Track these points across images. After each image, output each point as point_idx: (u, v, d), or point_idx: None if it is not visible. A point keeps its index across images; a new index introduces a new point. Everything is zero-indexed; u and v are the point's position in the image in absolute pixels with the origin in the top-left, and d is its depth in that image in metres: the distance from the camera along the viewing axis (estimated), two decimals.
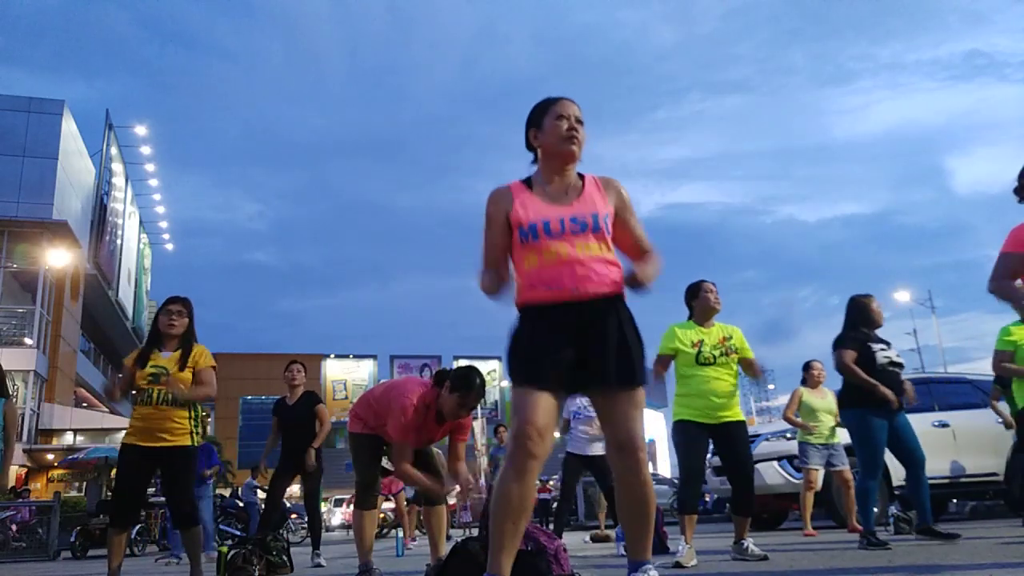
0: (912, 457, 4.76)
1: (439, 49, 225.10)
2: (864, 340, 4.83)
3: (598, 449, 6.59)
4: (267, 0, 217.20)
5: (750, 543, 4.21)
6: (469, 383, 3.66)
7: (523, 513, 2.15)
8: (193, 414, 3.98)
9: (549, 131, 2.38)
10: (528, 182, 2.43)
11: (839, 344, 4.85)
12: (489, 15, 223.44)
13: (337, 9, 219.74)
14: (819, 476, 6.85)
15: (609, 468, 7.58)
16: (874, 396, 4.64)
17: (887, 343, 4.93)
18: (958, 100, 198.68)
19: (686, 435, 4.37)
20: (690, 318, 4.61)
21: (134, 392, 4.01)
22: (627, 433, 2.21)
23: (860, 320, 4.93)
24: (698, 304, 4.54)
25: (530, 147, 2.47)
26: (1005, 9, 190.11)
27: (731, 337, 4.48)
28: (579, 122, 2.38)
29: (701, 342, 4.44)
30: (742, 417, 4.43)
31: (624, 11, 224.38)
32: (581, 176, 2.44)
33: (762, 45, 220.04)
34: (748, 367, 4.50)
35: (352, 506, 4.15)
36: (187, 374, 3.95)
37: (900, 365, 4.87)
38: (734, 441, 4.35)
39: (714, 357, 4.40)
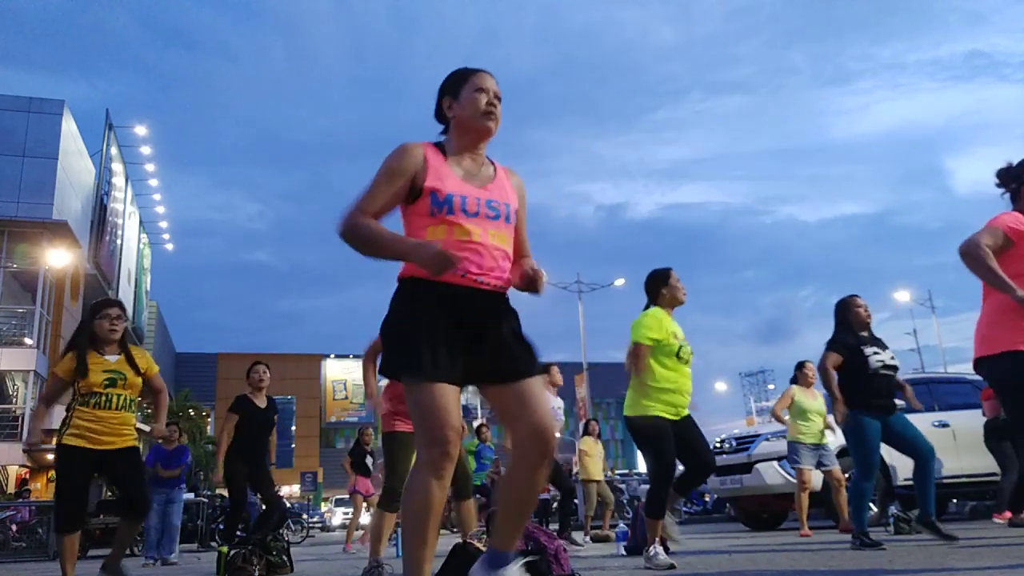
0: (917, 450, 4.72)
1: (440, 49, 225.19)
2: (857, 344, 4.81)
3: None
4: (269, 0, 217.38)
5: (669, 521, 4.30)
6: None
7: (439, 518, 2.07)
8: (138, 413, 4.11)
9: (467, 103, 2.23)
10: (440, 149, 2.24)
11: (827, 347, 4.87)
12: (490, 15, 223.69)
13: (338, 9, 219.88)
14: (813, 476, 6.85)
15: (559, 465, 7.53)
16: (865, 397, 4.68)
17: (883, 345, 4.93)
18: (958, 100, 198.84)
19: (662, 432, 4.18)
20: (650, 306, 4.42)
21: (83, 395, 3.92)
22: (543, 417, 2.09)
23: (845, 323, 4.93)
24: (669, 293, 4.38)
25: (441, 118, 2.32)
26: (1005, 9, 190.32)
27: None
28: (498, 98, 2.25)
29: (675, 334, 4.29)
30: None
31: (625, 11, 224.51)
32: (491, 161, 2.33)
33: (763, 45, 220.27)
34: None
35: (376, 506, 4.22)
36: (139, 379, 4.06)
37: (895, 368, 4.85)
38: (693, 432, 4.27)
39: (688, 354, 4.32)
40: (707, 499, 16.48)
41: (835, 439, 7.03)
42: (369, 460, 9.87)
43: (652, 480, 4.31)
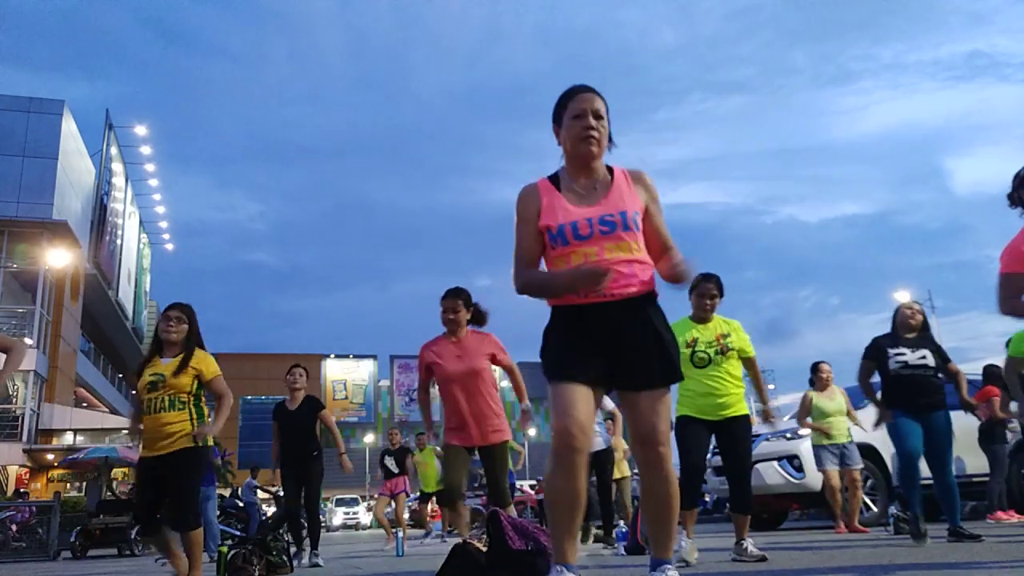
0: (937, 461, 4.95)
1: (442, 49, 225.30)
2: (885, 346, 5.13)
3: (595, 444, 6.66)
4: (270, 0, 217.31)
5: (750, 543, 4.19)
6: (445, 293, 4.32)
7: (576, 506, 2.16)
8: (195, 413, 3.97)
9: (567, 131, 2.33)
10: (556, 179, 2.38)
11: (863, 355, 5.23)
12: (492, 16, 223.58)
13: (340, 9, 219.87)
14: (836, 475, 6.87)
15: (599, 467, 7.39)
16: (889, 396, 5.03)
17: (923, 345, 5.10)
18: (959, 100, 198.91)
19: (687, 430, 4.32)
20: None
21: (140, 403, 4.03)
22: (650, 427, 2.20)
23: (893, 324, 5.27)
24: (694, 301, 4.45)
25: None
26: (1006, 10, 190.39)
27: (729, 335, 4.37)
28: (598, 117, 2.31)
29: (695, 341, 4.32)
30: (746, 411, 4.36)
31: (626, 11, 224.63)
32: (610, 169, 2.39)
33: (764, 46, 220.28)
34: (749, 367, 4.45)
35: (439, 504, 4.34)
36: (185, 378, 3.94)
37: (923, 367, 5.02)
38: (734, 439, 4.29)
39: (709, 357, 4.30)
40: (707, 499, 16.46)
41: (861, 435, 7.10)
42: (390, 461, 9.71)
43: (680, 473, 4.40)
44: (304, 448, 6.05)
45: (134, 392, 4.12)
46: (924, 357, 5.03)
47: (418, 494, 9.91)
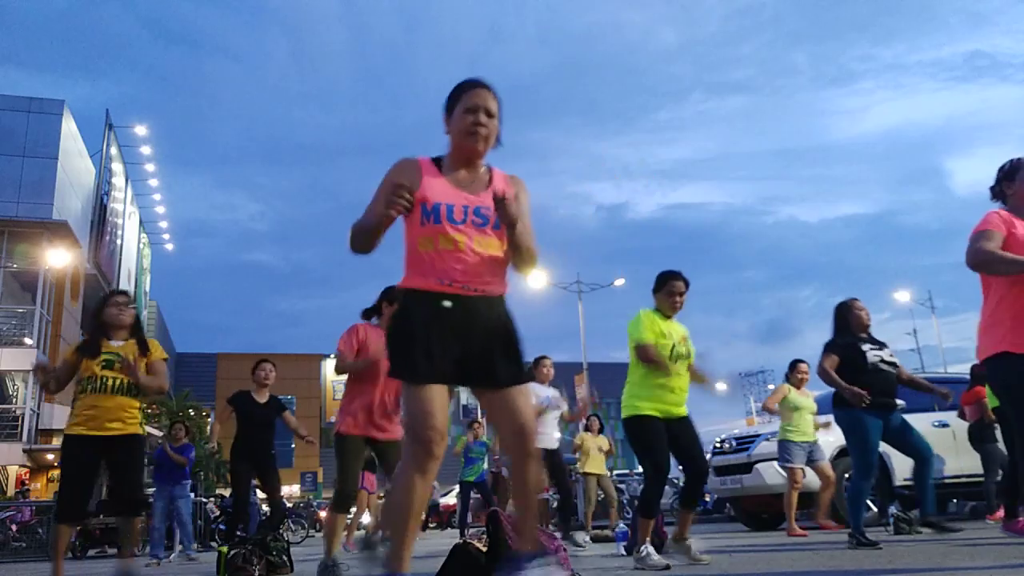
0: (917, 451, 4.82)
1: (444, 49, 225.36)
2: (852, 343, 4.84)
3: (547, 442, 6.39)
4: (272, 0, 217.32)
5: (693, 543, 4.15)
6: (393, 290, 4.13)
7: (420, 512, 2.17)
8: (142, 406, 4.02)
9: (456, 122, 2.30)
10: (438, 163, 2.34)
11: (824, 349, 4.88)
12: (494, 16, 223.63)
13: (343, 9, 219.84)
14: (806, 475, 6.88)
15: (560, 465, 7.28)
16: (870, 393, 4.67)
17: (881, 344, 4.93)
18: (959, 101, 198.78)
19: (654, 431, 4.11)
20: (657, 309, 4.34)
21: (78, 383, 3.95)
22: (524, 420, 2.23)
23: (845, 325, 4.94)
24: (660, 300, 4.29)
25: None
26: (1007, 10, 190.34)
27: (687, 337, 4.28)
28: (490, 115, 2.29)
29: (664, 335, 4.19)
30: (687, 412, 4.24)
31: (627, 12, 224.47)
32: (490, 169, 2.39)
33: (764, 46, 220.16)
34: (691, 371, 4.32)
35: (329, 509, 4.27)
36: (139, 361, 3.98)
37: (894, 365, 4.87)
38: (688, 435, 4.17)
39: (680, 355, 4.20)
40: (707, 499, 16.46)
41: (834, 439, 7.05)
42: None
43: (645, 479, 4.29)
44: (268, 442, 6.13)
45: (65, 360, 4.01)
46: (892, 355, 4.90)
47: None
